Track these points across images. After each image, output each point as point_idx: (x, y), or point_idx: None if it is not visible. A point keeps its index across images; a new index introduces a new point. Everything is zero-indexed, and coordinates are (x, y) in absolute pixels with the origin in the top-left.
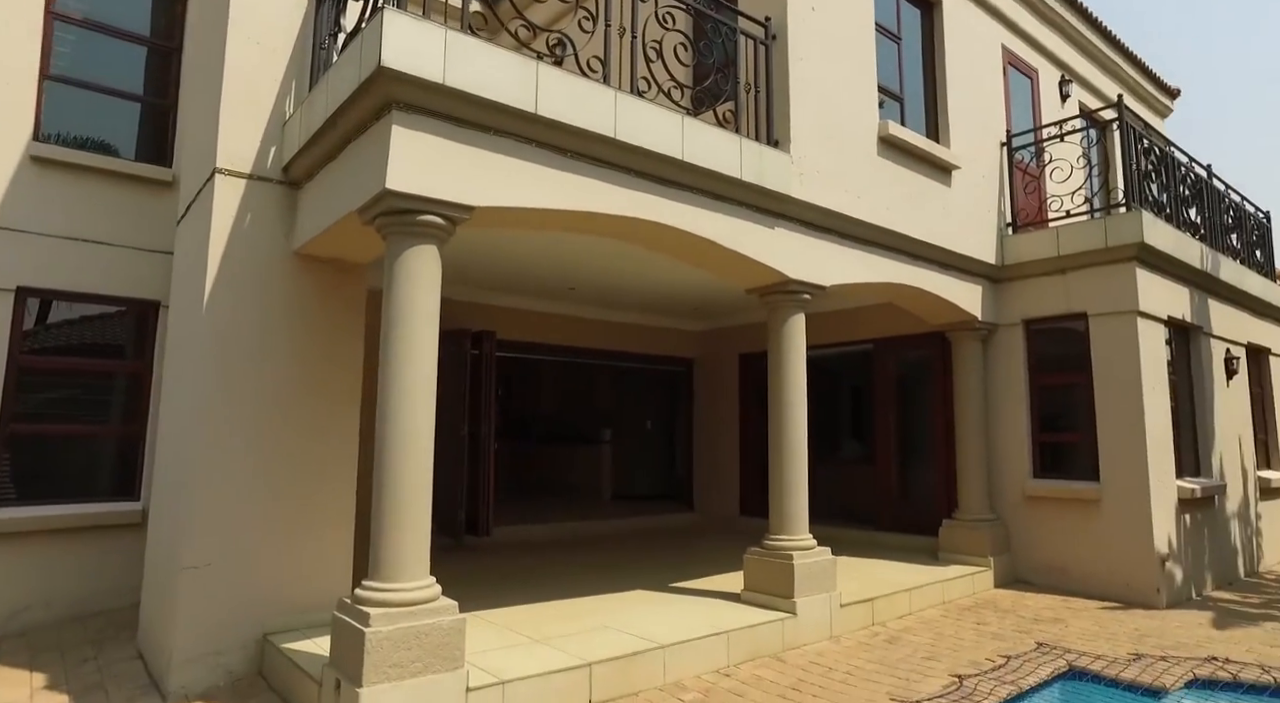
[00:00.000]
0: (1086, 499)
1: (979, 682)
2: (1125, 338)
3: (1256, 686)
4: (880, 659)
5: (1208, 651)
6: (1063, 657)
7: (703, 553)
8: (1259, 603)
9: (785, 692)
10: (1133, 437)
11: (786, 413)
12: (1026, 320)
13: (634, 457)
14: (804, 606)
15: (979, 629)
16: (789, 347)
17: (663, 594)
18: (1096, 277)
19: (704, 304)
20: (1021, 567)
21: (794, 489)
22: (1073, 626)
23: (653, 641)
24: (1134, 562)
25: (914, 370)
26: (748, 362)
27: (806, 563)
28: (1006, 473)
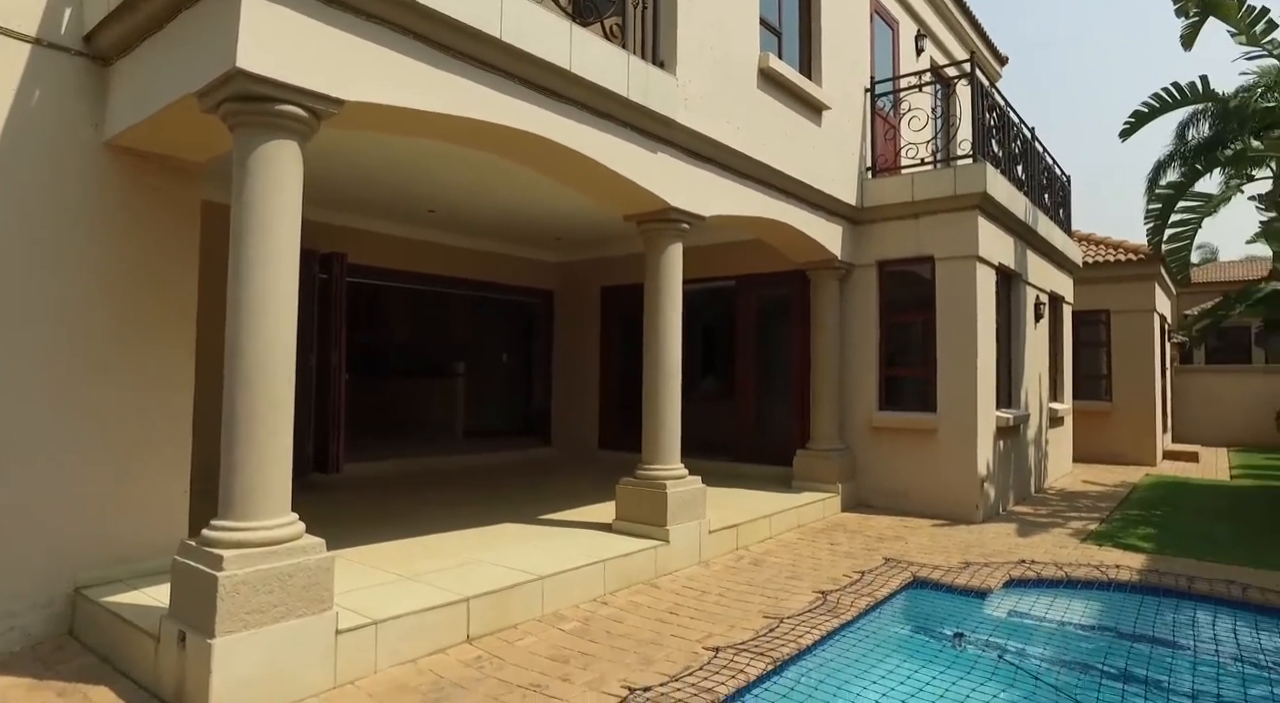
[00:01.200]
0: (924, 429)
1: (840, 596)
2: (965, 281)
3: (1054, 580)
4: (749, 581)
5: (1017, 556)
6: (907, 569)
7: (566, 486)
8: (1047, 514)
9: (663, 615)
10: (967, 372)
11: (662, 344)
12: (881, 261)
13: (490, 391)
14: (676, 533)
15: (833, 549)
16: (666, 276)
17: (533, 527)
18: (944, 223)
19: (568, 234)
20: (865, 492)
21: (667, 420)
22: (911, 542)
23: (529, 572)
24: (960, 484)
25: (774, 307)
26: (610, 295)
27: (679, 492)
28: (856, 405)
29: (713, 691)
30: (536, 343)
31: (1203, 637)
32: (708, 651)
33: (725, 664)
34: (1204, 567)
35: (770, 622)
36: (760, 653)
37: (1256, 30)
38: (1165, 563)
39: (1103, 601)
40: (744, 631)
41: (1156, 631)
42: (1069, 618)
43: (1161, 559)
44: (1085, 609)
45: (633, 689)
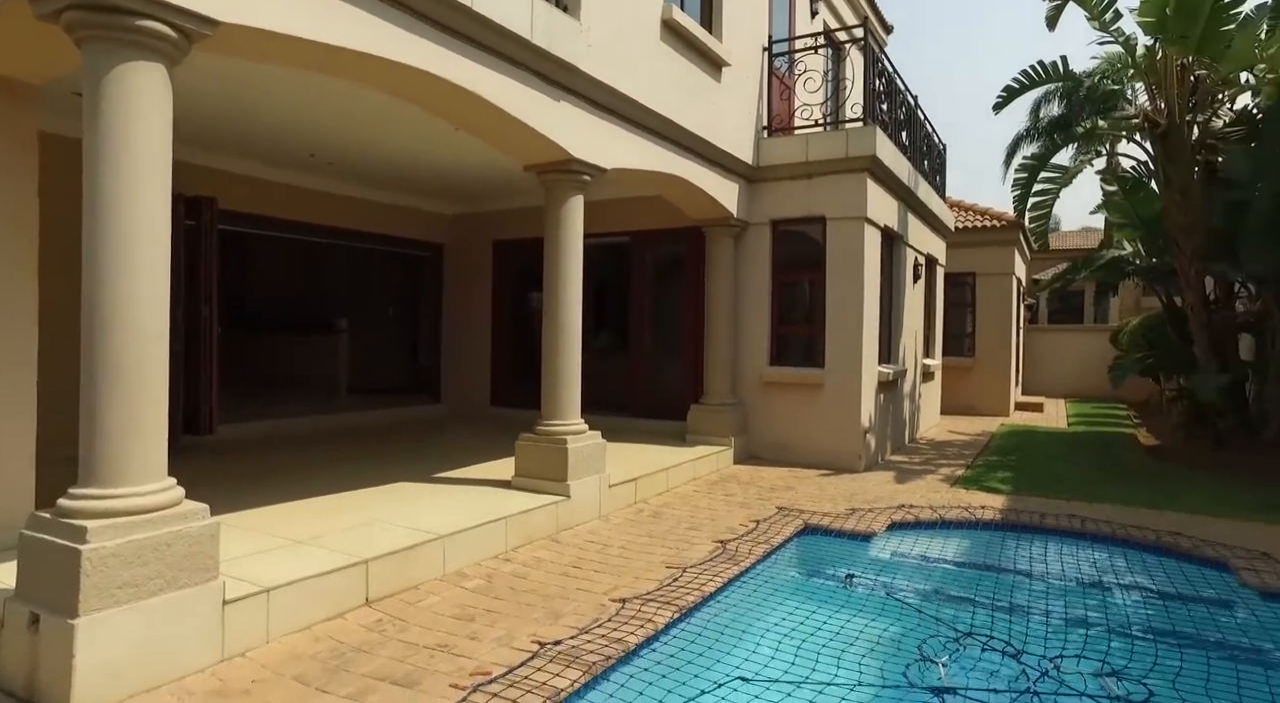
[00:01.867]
0: (812, 383)
1: (738, 544)
2: (854, 241)
3: (931, 522)
4: (649, 533)
5: (897, 501)
6: (799, 517)
7: (460, 444)
8: (920, 462)
9: (567, 570)
10: (854, 329)
11: (562, 298)
12: (774, 220)
13: (375, 347)
14: (577, 488)
15: (728, 500)
16: (567, 229)
17: (429, 485)
18: (835, 184)
19: (459, 185)
20: (755, 445)
21: (568, 376)
22: (801, 491)
23: (430, 532)
24: (844, 435)
25: (668, 264)
26: (503, 249)
27: (579, 447)
28: (748, 361)
29: (623, 640)
30: (425, 298)
31: (1053, 565)
32: (615, 602)
33: (634, 615)
34: (1051, 504)
35: (674, 572)
36: (666, 602)
37: (1106, 18)
38: (1021, 502)
39: (972, 538)
40: (649, 581)
41: (1017, 563)
42: (945, 555)
43: (1018, 499)
44: (958, 547)
45: (543, 643)
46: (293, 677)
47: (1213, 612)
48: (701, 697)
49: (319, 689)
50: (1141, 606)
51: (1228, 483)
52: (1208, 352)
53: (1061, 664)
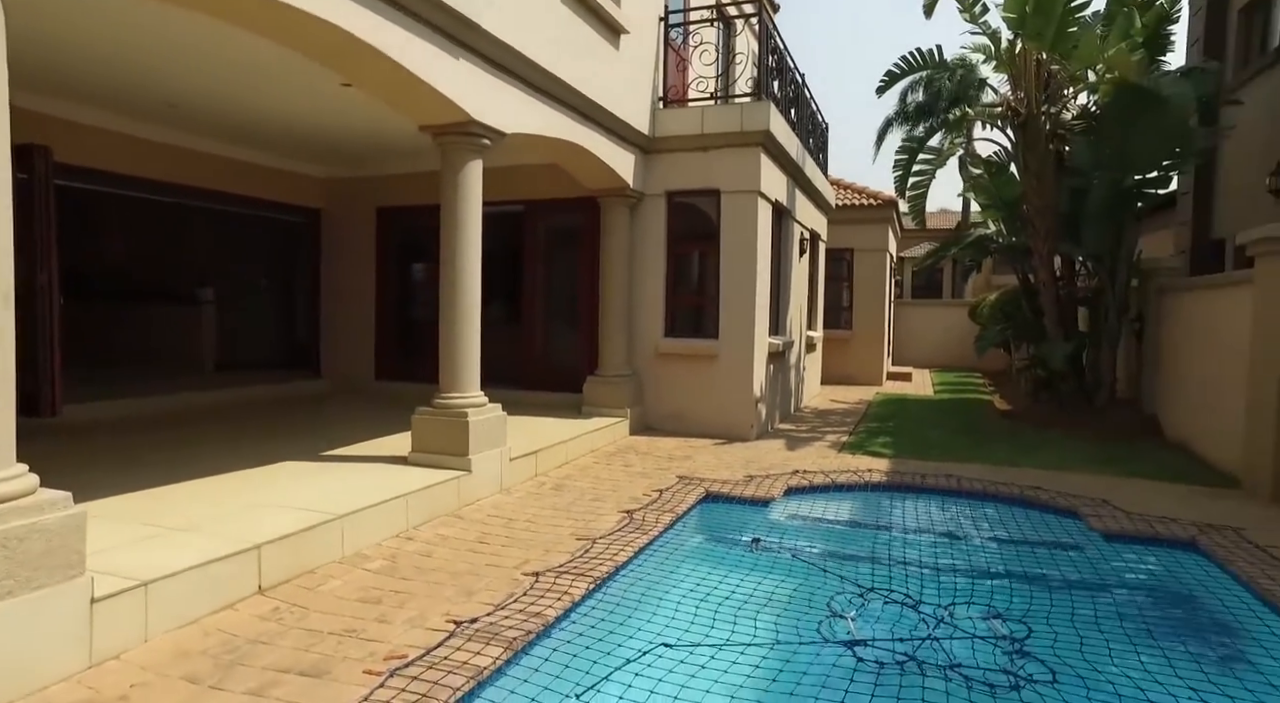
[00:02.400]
0: (707, 355)
1: (644, 513)
2: (748, 215)
3: (824, 486)
4: (554, 505)
5: (791, 467)
6: (700, 485)
7: (347, 419)
8: (807, 430)
9: (474, 546)
10: (747, 301)
11: (460, 267)
12: (670, 192)
13: (246, 319)
14: (479, 462)
15: (627, 471)
16: (465, 194)
17: (319, 464)
18: (730, 157)
19: (339, 147)
20: (651, 416)
21: (467, 348)
22: (698, 460)
23: (326, 512)
24: (738, 405)
25: (563, 234)
26: (388, 216)
27: (481, 420)
28: (643, 333)
29: (541, 614)
30: (301, 267)
31: (936, 520)
32: (528, 576)
33: (549, 588)
34: (929, 466)
35: (584, 543)
36: (580, 574)
37: (976, 10)
38: (902, 465)
39: (863, 499)
40: (560, 554)
41: (906, 521)
42: (841, 516)
43: (900, 462)
44: (851, 508)
45: (459, 622)
46: (181, 676)
47: (1070, 555)
48: (626, 665)
49: (213, 687)
50: (1014, 553)
51: (1071, 441)
52: (1056, 324)
53: (954, 611)
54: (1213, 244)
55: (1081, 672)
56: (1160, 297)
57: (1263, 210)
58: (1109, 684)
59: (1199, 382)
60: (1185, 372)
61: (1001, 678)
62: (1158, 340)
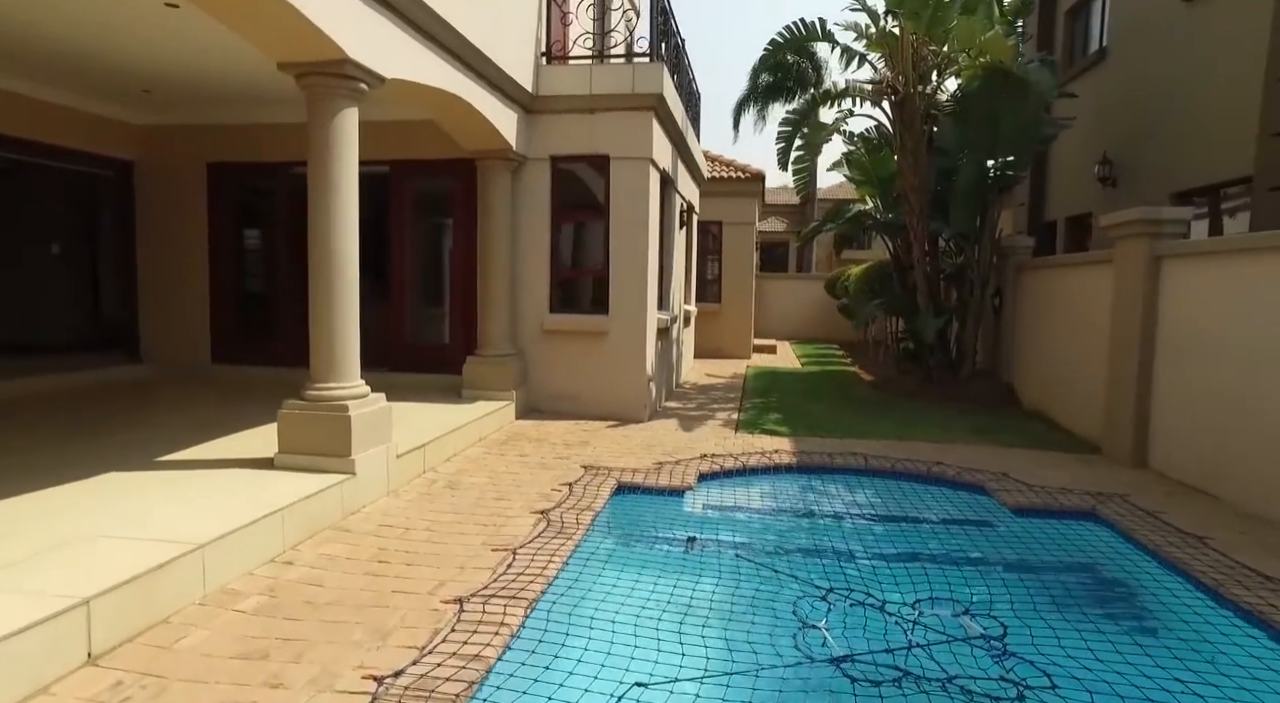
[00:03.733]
0: (597, 332)
1: (560, 513)
2: (639, 183)
3: (736, 470)
4: (454, 508)
5: (695, 450)
6: (609, 476)
7: (183, 414)
8: (695, 408)
9: (372, 568)
10: (639, 275)
11: (335, 234)
12: (554, 157)
13: (32, 292)
14: (363, 462)
15: (525, 462)
16: (338, 149)
17: (158, 474)
18: (620, 121)
19: (160, 86)
20: (536, 397)
21: (344, 328)
22: (597, 446)
23: (179, 540)
24: (630, 385)
25: (434, 199)
26: (221, 174)
27: (365, 414)
28: (527, 308)
29: (480, 656)
30: (109, 229)
31: (859, 502)
32: (449, 604)
33: (479, 618)
34: (828, 444)
35: (502, 556)
36: (512, 596)
37: None
38: (802, 443)
39: (777, 483)
40: (478, 571)
41: (828, 505)
42: (765, 504)
43: (798, 440)
44: (771, 493)
45: (380, 678)
46: None
47: (994, 533)
48: None
49: None
50: (946, 534)
51: (941, 413)
52: (928, 298)
53: (921, 610)
54: (1046, 225)
55: (1075, 672)
56: (1018, 273)
57: (1087, 196)
58: (1104, 683)
59: (1055, 355)
60: (1041, 345)
61: (1000, 688)
62: (1014, 315)
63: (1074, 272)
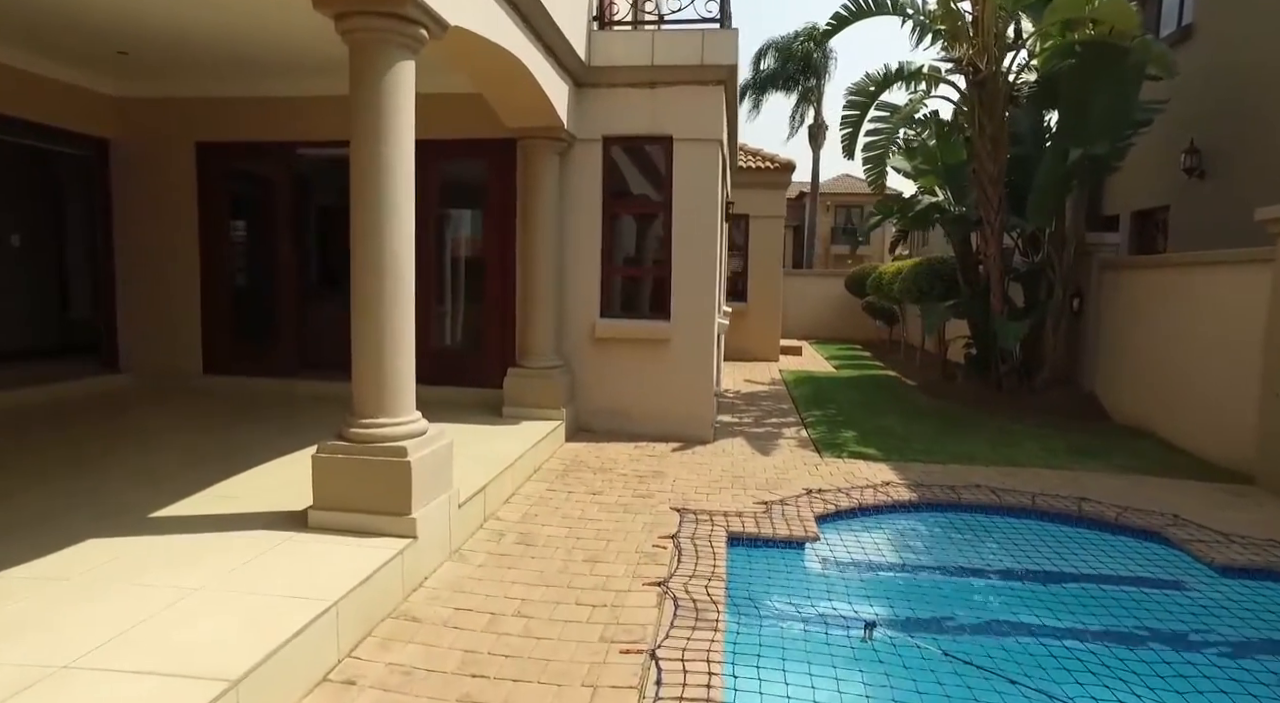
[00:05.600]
0: (656, 339)
1: (685, 585)
2: (706, 168)
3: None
4: (542, 579)
5: (790, 483)
6: (712, 523)
7: (176, 440)
8: (752, 422)
9: (463, 687)
10: (704, 273)
11: (386, 226)
12: (608, 137)
13: None
14: (425, 520)
15: (600, 502)
16: (392, 116)
17: (151, 542)
18: (686, 97)
19: (139, 45)
20: (585, 414)
21: (398, 347)
22: (676, 478)
23: (201, 676)
24: (693, 401)
25: (463, 186)
26: (212, 155)
27: (425, 458)
28: (575, 312)
29: None
30: (79, 219)
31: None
32: None
33: None
34: (933, 470)
35: (638, 661)
36: None
37: None
38: (905, 471)
39: (907, 526)
40: (617, 693)
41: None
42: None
43: (897, 467)
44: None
45: None
46: None
47: (1205, 601)
48: None
49: None
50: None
51: (1028, 426)
52: (1001, 300)
53: None
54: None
55: None
56: (1102, 273)
57: (1163, 188)
58: None
59: (1160, 364)
60: (1138, 352)
61: None
62: (1099, 318)
63: (1195, 272)
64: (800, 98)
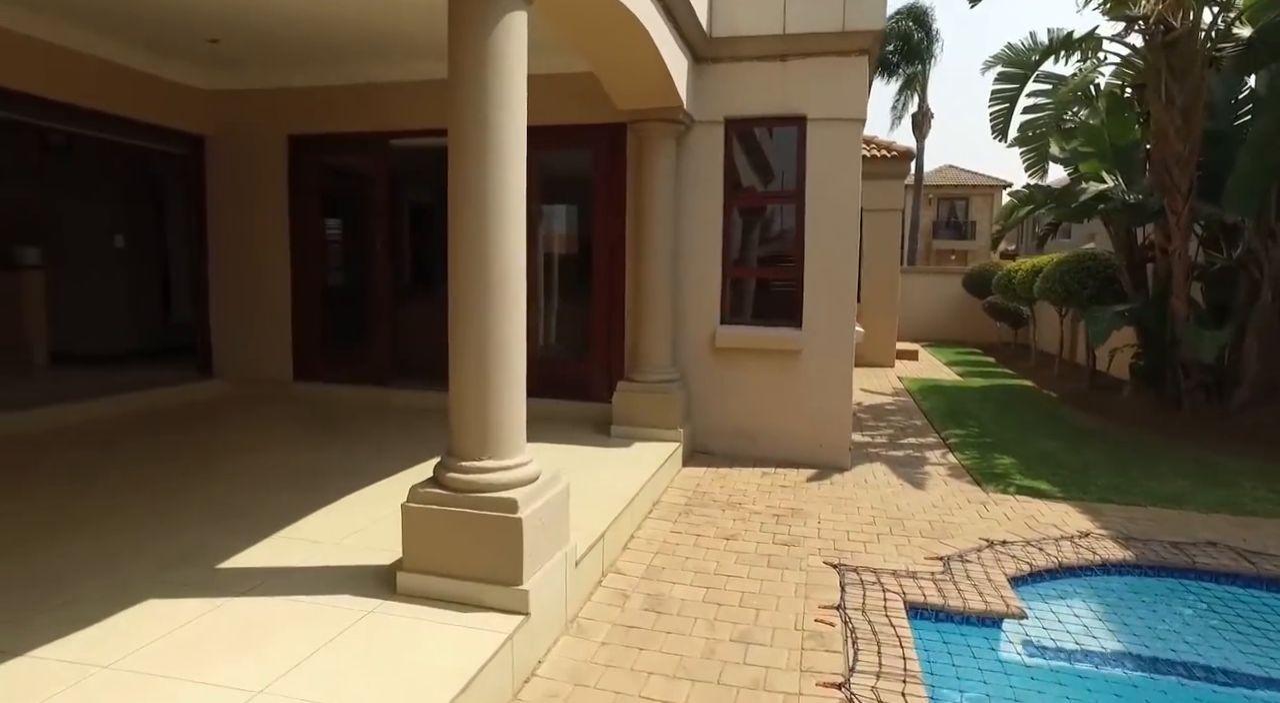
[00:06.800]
0: (785, 350)
1: (870, 689)
2: (847, 153)
3: (1049, 570)
4: (681, 665)
5: (953, 525)
6: (881, 587)
7: (259, 462)
8: (886, 443)
9: None
10: (844, 275)
11: (493, 222)
12: (730, 119)
13: (94, 292)
14: (538, 589)
15: (736, 551)
16: (502, 81)
17: (215, 607)
18: (823, 70)
19: (230, 29)
20: (702, 434)
21: (507, 370)
22: (819, 516)
23: None
24: (830, 421)
25: (565, 176)
26: (305, 149)
27: (539, 511)
28: (692, 318)
29: None
30: (177, 219)
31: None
32: None
33: None
34: (1133, 517)
35: None
36: None
37: None
38: (1098, 514)
39: (1133, 598)
40: None
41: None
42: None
43: (1086, 508)
44: (1143, 622)
45: None
46: None
47: None
48: None
49: None
50: None
51: (1241, 461)
52: (1187, 304)
53: None
54: None
55: None
56: None
57: None
58: None
59: None
60: None
61: None
62: None
63: None
64: (904, 84)
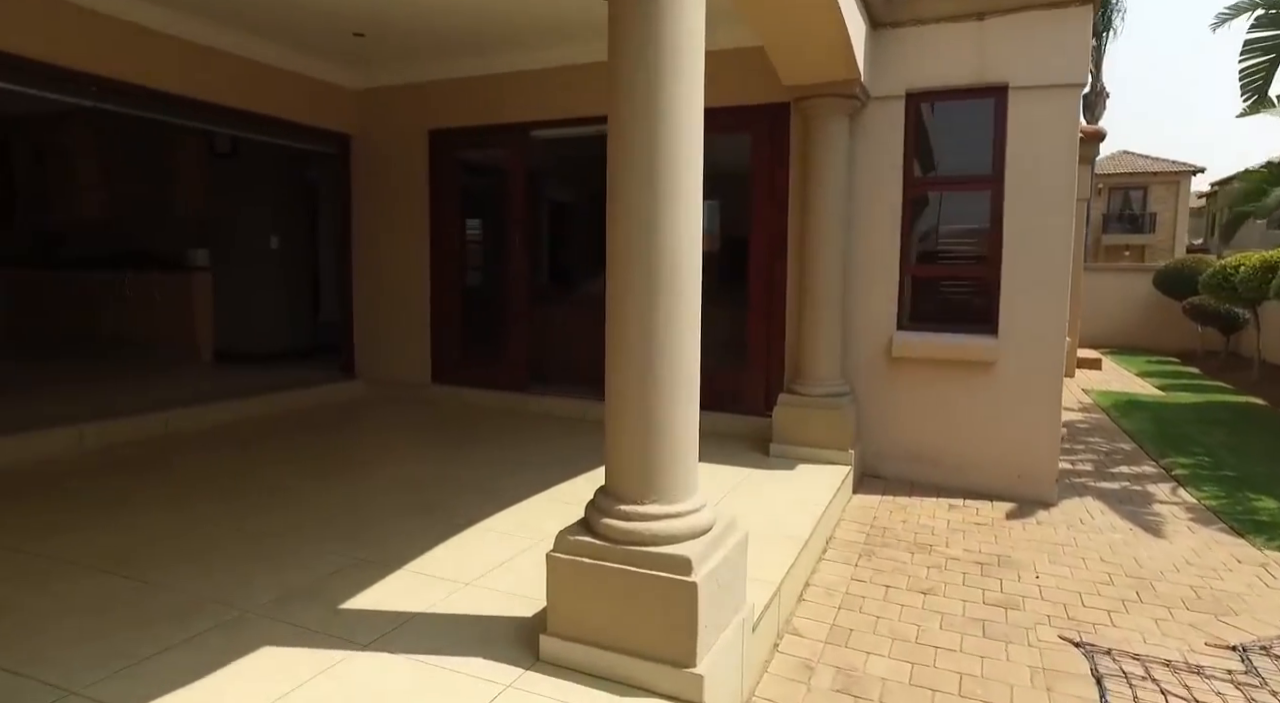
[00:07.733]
0: (977, 360)
1: None
2: (1061, 127)
3: None
4: None
5: (1243, 599)
6: (1153, 685)
7: (395, 474)
8: (1093, 471)
9: None
10: (1055, 274)
11: (664, 213)
12: (912, 92)
13: (252, 292)
14: (714, 670)
15: (937, 612)
16: (671, 53)
17: (337, 660)
18: (1031, 27)
19: (373, 21)
20: (873, 455)
21: (678, 392)
22: (1036, 570)
23: None
24: (1033, 445)
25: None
26: (445, 143)
27: (716, 569)
28: (863, 323)
29: None
30: (324, 219)
31: None
32: None
33: None
34: None
35: None
36: None
37: None
38: None
39: None
40: None
41: None
42: None
43: None
44: None
45: None
46: None
47: None
48: None
49: None
50: None
51: None
52: None
53: None
54: None
55: None
56: None
57: None
58: None
59: None
60: None
61: None
62: None
63: None
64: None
